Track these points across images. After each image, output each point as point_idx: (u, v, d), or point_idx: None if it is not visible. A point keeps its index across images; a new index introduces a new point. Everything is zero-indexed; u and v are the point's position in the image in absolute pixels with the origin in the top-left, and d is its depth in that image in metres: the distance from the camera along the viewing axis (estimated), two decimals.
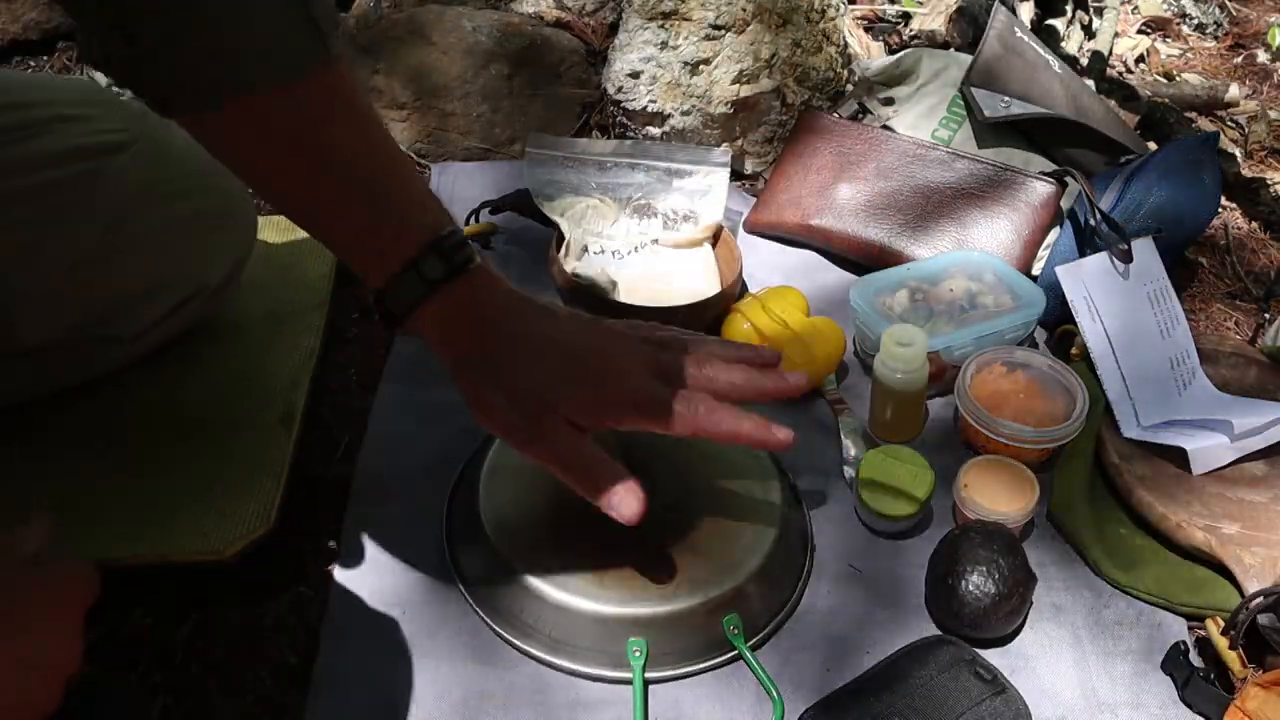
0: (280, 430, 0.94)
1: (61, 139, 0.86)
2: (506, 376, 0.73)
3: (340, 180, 0.71)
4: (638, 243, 1.18)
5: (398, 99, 1.36)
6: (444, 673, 0.80)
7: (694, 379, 0.76)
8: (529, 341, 0.74)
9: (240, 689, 0.79)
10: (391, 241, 0.72)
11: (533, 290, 1.18)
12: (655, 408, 0.74)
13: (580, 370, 0.73)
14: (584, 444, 0.73)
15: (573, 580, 0.81)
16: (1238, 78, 1.73)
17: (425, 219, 0.73)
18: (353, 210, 0.72)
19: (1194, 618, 0.87)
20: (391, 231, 0.72)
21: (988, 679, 0.77)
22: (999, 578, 0.81)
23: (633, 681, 0.79)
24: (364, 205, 0.72)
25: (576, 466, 0.73)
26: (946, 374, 1.03)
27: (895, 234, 1.17)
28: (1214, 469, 0.96)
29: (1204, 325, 1.19)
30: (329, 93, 0.69)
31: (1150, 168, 1.16)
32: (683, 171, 1.22)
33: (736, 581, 0.82)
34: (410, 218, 0.73)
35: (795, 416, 1.03)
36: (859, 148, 1.23)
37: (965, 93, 1.27)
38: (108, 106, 0.90)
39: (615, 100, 1.34)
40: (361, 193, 0.71)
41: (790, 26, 1.32)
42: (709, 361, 0.77)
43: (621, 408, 0.74)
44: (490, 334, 0.74)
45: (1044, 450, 0.97)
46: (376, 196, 0.72)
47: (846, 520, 0.93)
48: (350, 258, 0.75)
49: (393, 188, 0.73)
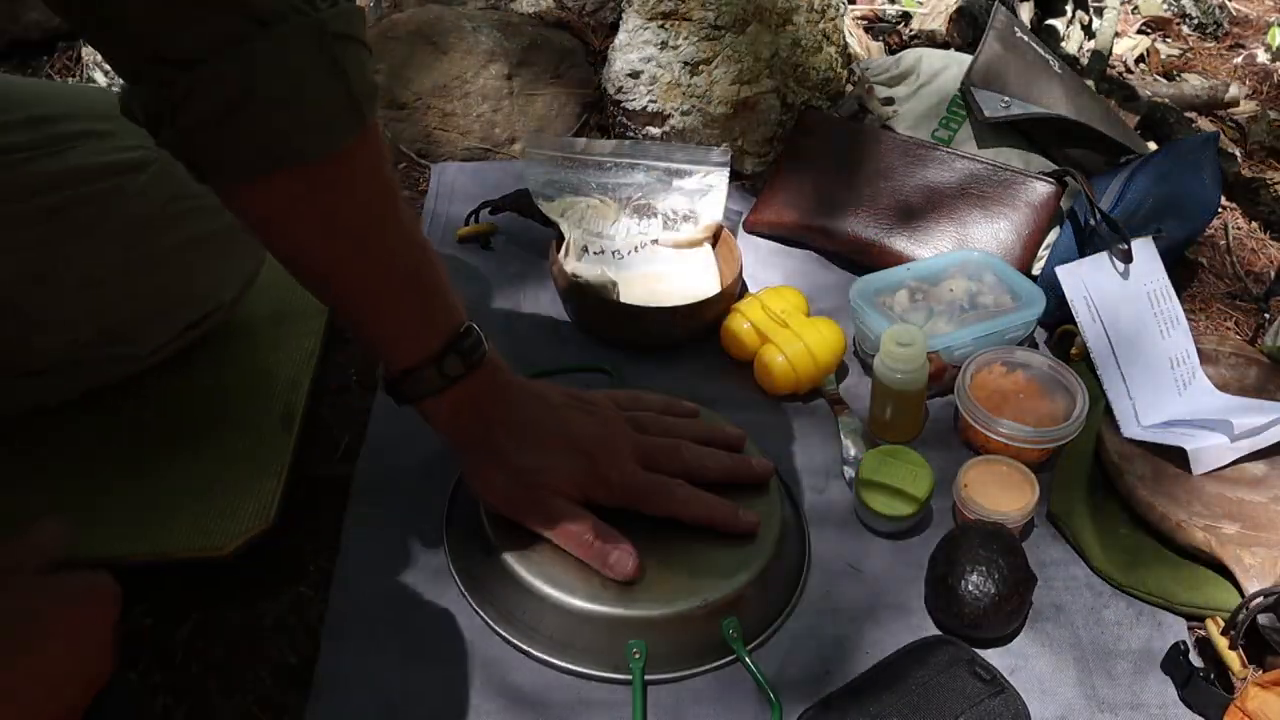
0: (280, 430, 0.94)
1: (87, 155, 0.85)
2: (511, 460, 0.81)
3: (386, 269, 0.75)
4: (638, 243, 1.18)
5: (398, 99, 1.36)
6: (444, 673, 0.80)
7: (673, 463, 0.85)
8: (532, 430, 0.82)
9: (240, 689, 0.79)
10: (416, 334, 0.78)
11: (533, 290, 1.19)
12: (639, 491, 0.83)
13: (576, 454, 0.82)
14: (579, 513, 0.81)
15: (573, 581, 0.81)
16: (1238, 78, 1.73)
17: (451, 315, 0.79)
18: (399, 301, 0.77)
19: (1194, 618, 0.87)
20: (419, 324, 0.78)
21: (987, 679, 0.77)
22: (999, 578, 0.81)
23: (632, 683, 0.79)
24: (409, 295, 0.77)
25: (574, 535, 0.81)
26: (946, 374, 1.03)
27: (895, 234, 1.17)
28: (1214, 469, 0.96)
29: (1204, 325, 1.19)
30: (370, 161, 0.72)
31: (1150, 168, 1.16)
32: (683, 171, 1.22)
33: (735, 585, 0.82)
34: (438, 312, 0.78)
35: (795, 416, 1.03)
36: (859, 148, 1.23)
37: (965, 93, 1.27)
38: (126, 122, 0.90)
39: (615, 100, 1.34)
40: (408, 283, 0.77)
41: (790, 26, 1.32)
42: (685, 446, 0.86)
43: (610, 488, 0.82)
44: (497, 425, 0.81)
45: (1044, 450, 0.97)
46: (422, 289, 0.78)
47: (846, 520, 0.93)
48: (373, 342, 0.80)
49: (436, 281, 0.78)
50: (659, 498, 0.83)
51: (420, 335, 0.78)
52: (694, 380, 1.06)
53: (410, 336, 0.78)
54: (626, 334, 1.08)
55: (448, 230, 1.22)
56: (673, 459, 0.85)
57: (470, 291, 1.15)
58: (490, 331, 1.05)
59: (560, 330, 1.11)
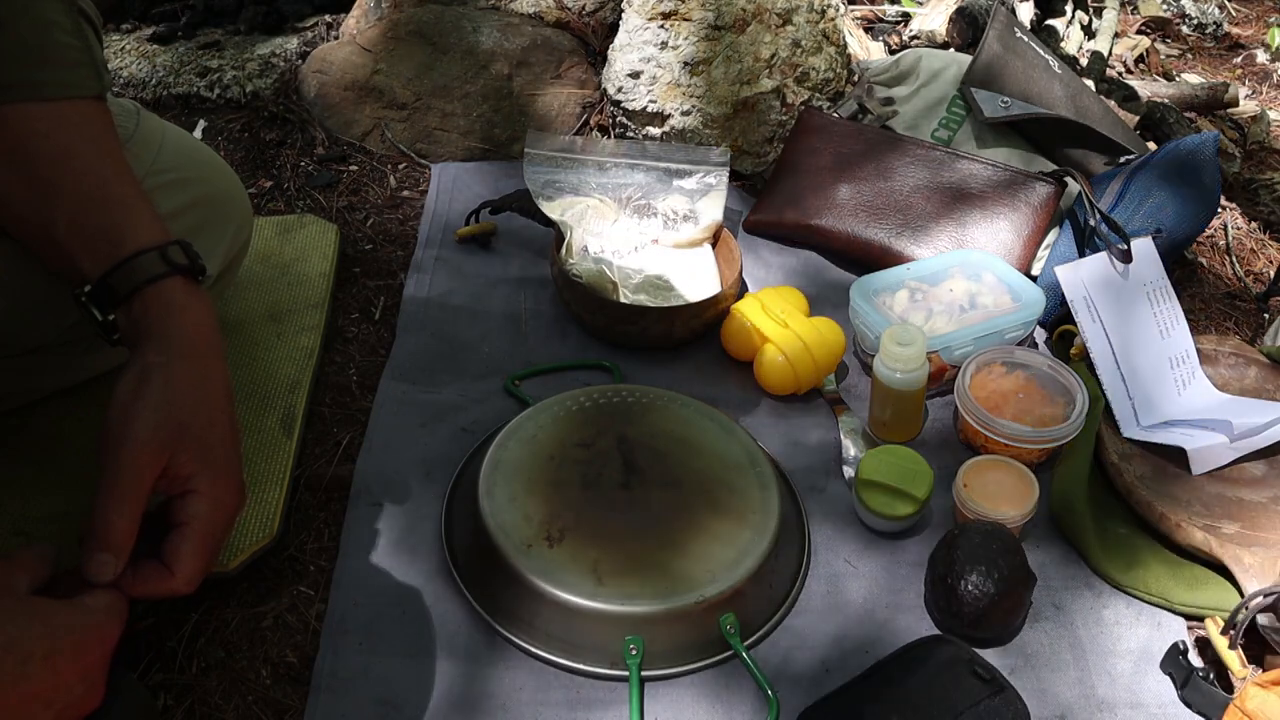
0: (281, 436, 0.94)
1: None
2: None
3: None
4: (638, 243, 1.18)
5: (398, 99, 1.36)
6: (443, 671, 0.80)
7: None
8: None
9: (240, 689, 0.79)
10: (151, 221, 0.76)
11: (533, 290, 1.19)
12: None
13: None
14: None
15: (571, 579, 0.81)
16: (1238, 78, 1.73)
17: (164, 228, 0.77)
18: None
19: (1193, 617, 0.87)
20: (151, 215, 0.76)
21: (986, 678, 0.77)
22: (998, 577, 0.81)
23: (629, 679, 0.79)
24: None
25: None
26: (946, 374, 1.03)
27: (895, 234, 1.17)
28: (1214, 469, 0.96)
29: (1204, 325, 1.19)
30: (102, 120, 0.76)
31: (1150, 168, 1.16)
32: (683, 171, 1.22)
33: (734, 581, 0.82)
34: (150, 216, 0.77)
35: (795, 416, 1.03)
36: (859, 148, 1.23)
37: (965, 93, 1.27)
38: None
39: (615, 100, 1.34)
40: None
41: (790, 26, 1.32)
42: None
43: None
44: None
45: (1043, 450, 0.97)
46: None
47: (845, 520, 0.93)
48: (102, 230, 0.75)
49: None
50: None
51: (154, 222, 0.75)
52: (694, 380, 1.06)
53: (146, 223, 0.74)
54: (626, 334, 1.08)
55: (448, 230, 1.22)
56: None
57: (470, 291, 1.15)
58: (491, 331, 1.05)
59: (560, 330, 1.11)
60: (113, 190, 0.75)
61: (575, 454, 0.91)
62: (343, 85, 1.37)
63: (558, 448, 0.91)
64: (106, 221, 0.73)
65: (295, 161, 1.33)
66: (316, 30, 1.51)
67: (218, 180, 0.97)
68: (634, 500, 0.88)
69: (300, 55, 1.45)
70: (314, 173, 1.32)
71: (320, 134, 1.37)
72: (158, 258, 0.72)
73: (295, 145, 1.35)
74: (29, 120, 0.73)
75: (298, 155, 1.34)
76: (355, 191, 1.30)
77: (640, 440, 0.93)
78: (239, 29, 1.51)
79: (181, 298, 0.73)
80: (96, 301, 0.72)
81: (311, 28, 1.51)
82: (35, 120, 0.73)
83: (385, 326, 1.11)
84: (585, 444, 0.92)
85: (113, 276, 0.72)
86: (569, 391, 0.97)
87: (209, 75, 1.42)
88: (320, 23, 1.52)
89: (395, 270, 1.18)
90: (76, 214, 0.73)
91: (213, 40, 1.49)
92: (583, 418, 0.94)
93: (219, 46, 1.47)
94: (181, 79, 1.42)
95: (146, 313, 0.71)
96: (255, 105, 1.40)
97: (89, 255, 0.72)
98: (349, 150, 1.36)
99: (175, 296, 0.72)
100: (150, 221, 0.75)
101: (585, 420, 0.94)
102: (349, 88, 1.37)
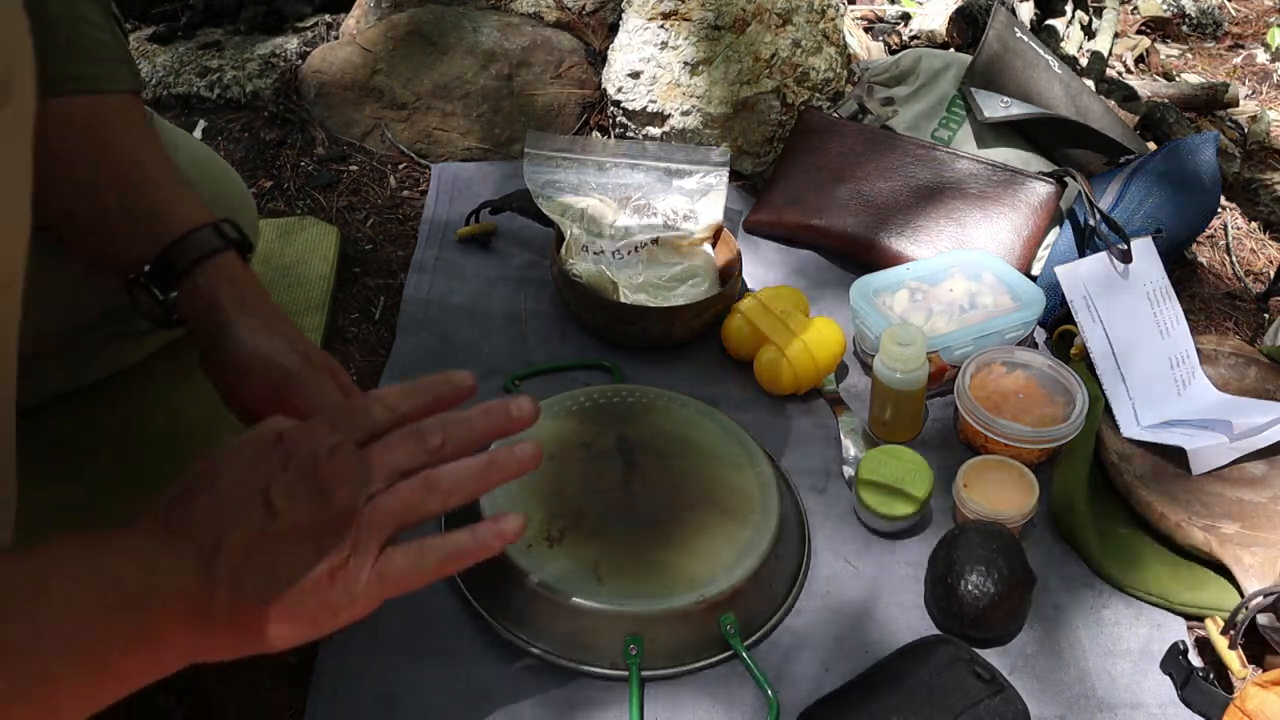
0: None
1: None
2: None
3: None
4: (638, 243, 1.18)
5: (398, 99, 1.36)
6: (443, 670, 0.80)
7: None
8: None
9: (240, 689, 0.79)
10: (197, 204, 0.78)
11: (533, 290, 1.18)
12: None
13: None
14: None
15: (571, 578, 0.81)
16: (1238, 78, 1.73)
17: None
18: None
19: (1193, 617, 0.87)
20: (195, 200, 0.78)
21: (986, 678, 0.77)
22: (998, 577, 0.81)
23: (629, 679, 0.79)
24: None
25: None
26: (946, 374, 1.03)
27: (895, 234, 1.17)
28: (1214, 469, 0.96)
29: (1204, 325, 1.19)
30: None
31: (1150, 168, 1.16)
32: (682, 171, 1.22)
33: (733, 581, 0.82)
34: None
35: (795, 416, 1.03)
36: (859, 148, 1.23)
37: (965, 93, 1.27)
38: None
39: (615, 100, 1.34)
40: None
41: (790, 26, 1.32)
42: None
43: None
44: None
45: (1043, 450, 0.97)
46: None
47: (845, 520, 0.93)
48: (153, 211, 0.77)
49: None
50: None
51: (200, 204, 0.77)
52: (694, 380, 1.06)
53: (194, 204, 0.77)
54: (626, 334, 1.08)
55: (448, 230, 1.22)
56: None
57: (470, 291, 1.15)
58: (491, 331, 1.05)
59: (561, 330, 1.11)
60: (159, 175, 0.78)
61: (575, 454, 0.91)
62: (343, 85, 1.37)
63: (558, 448, 0.91)
64: (156, 205, 0.76)
65: (295, 161, 1.33)
66: (316, 30, 1.51)
67: (226, 184, 0.98)
68: (634, 500, 0.88)
69: (300, 55, 1.45)
70: (314, 173, 1.32)
71: (320, 134, 1.37)
72: (212, 233, 0.75)
73: (295, 145, 1.35)
74: (79, 112, 0.75)
75: (298, 155, 1.34)
76: (355, 191, 1.30)
77: (640, 440, 0.93)
78: (239, 29, 1.51)
79: (239, 271, 0.76)
80: (156, 280, 0.74)
81: (311, 28, 1.51)
82: (83, 113, 0.76)
83: (385, 326, 1.11)
84: (585, 444, 0.92)
85: (170, 252, 0.74)
86: (569, 391, 0.97)
87: (209, 75, 1.42)
88: (320, 23, 1.52)
89: (395, 270, 1.18)
90: (126, 199, 0.76)
91: (213, 40, 1.49)
92: (583, 418, 0.94)
93: (219, 46, 1.47)
94: (181, 79, 1.42)
95: (210, 284, 0.74)
96: (255, 105, 1.40)
97: (143, 237, 0.75)
98: (349, 150, 1.36)
99: (234, 270, 0.76)
100: (197, 203, 0.77)
101: (585, 420, 0.94)
102: (349, 88, 1.37)
